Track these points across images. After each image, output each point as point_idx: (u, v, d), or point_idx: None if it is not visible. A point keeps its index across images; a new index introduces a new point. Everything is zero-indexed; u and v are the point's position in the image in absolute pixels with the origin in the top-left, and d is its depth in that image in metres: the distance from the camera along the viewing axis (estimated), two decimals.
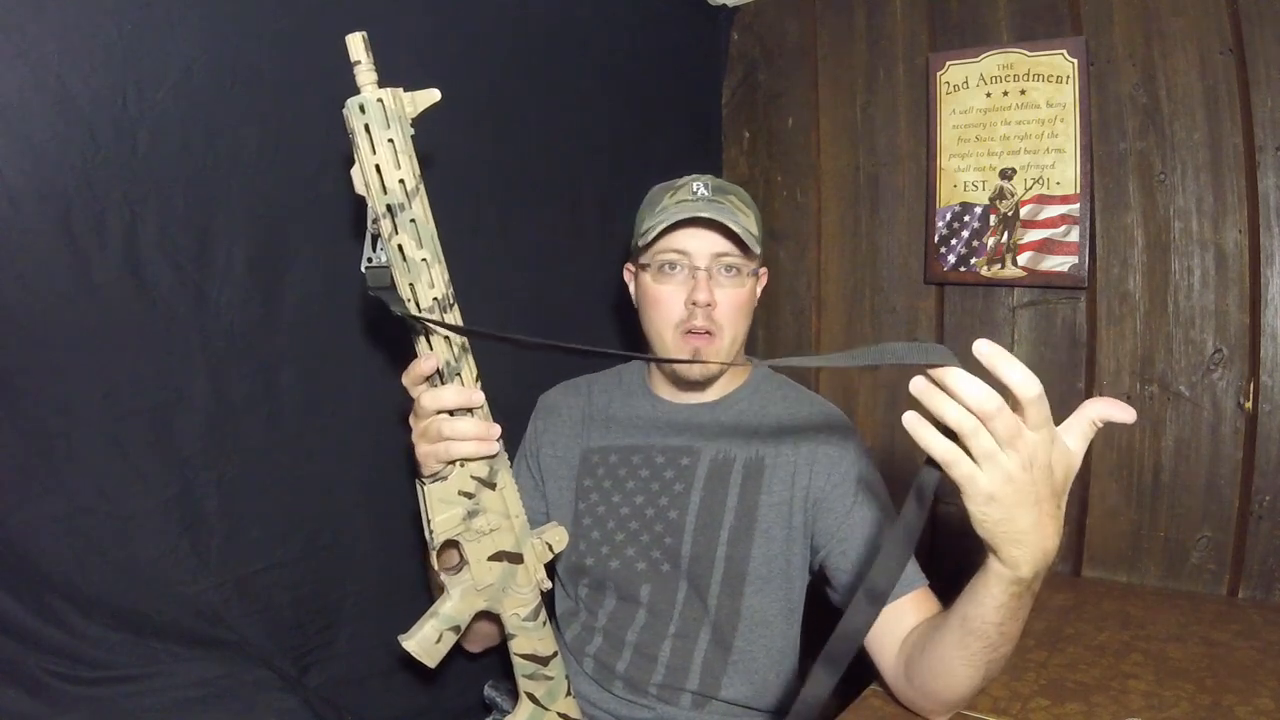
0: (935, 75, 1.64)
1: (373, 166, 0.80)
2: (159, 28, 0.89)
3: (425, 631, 0.95)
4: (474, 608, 0.97)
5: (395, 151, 0.79)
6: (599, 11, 1.53)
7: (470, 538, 0.95)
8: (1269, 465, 1.39)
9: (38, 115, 0.81)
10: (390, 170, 0.79)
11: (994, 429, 0.70)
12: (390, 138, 0.79)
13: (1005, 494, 0.72)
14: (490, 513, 0.95)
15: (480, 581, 0.96)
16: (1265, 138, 1.38)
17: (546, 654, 1.04)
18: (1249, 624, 1.27)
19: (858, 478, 1.12)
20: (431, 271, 0.83)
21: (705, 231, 1.12)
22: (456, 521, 0.93)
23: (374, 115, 0.79)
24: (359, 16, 1.09)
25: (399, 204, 0.80)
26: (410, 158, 0.81)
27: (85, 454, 0.88)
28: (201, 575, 0.98)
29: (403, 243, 0.81)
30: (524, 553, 0.98)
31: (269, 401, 1.04)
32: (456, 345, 0.88)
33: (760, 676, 1.15)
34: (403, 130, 0.80)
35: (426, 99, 0.82)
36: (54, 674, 0.84)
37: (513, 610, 1.00)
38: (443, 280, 0.85)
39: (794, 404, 1.22)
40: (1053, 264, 1.55)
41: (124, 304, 0.89)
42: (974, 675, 0.87)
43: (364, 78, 0.79)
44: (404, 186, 0.80)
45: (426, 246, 0.82)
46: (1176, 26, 1.44)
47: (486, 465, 0.93)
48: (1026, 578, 0.77)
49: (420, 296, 0.84)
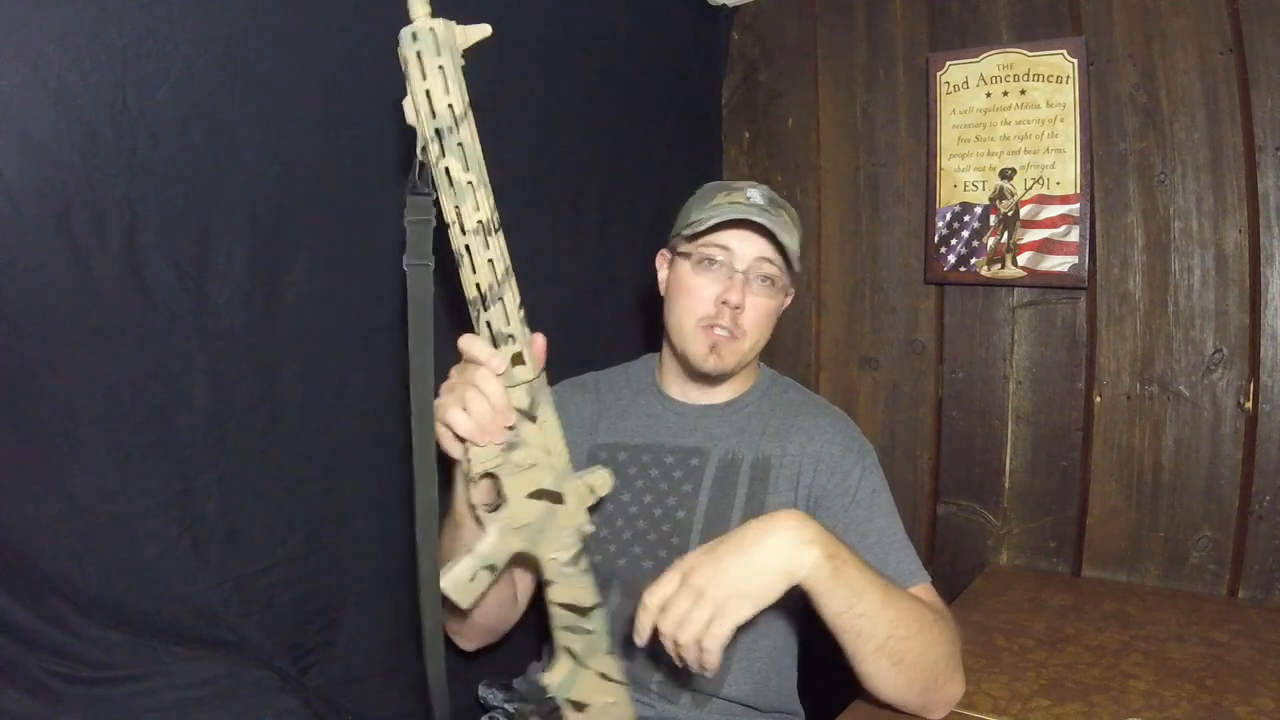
0: (935, 75, 1.64)
1: (423, 92, 0.82)
2: (159, 28, 0.89)
3: (459, 569, 0.93)
4: (511, 548, 0.95)
5: (445, 78, 0.81)
6: (599, 11, 1.53)
7: (509, 471, 0.92)
8: (1269, 465, 1.39)
9: (38, 115, 0.81)
10: (440, 95, 0.81)
11: (677, 614, 0.87)
12: (441, 64, 0.81)
13: (735, 581, 0.87)
14: (530, 446, 0.92)
15: (518, 519, 0.94)
16: (1265, 138, 1.38)
17: (586, 604, 0.99)
18: (1249, 624, 1.27)
19: (859, 478, 1.13)
20: (477, 194, 0.85)
21: (754, 236, 1.13)
22: (495, 453, 0.91)
23: (425, 43, 0.81)
24: (359, 17, 1.10)
25: (448, 127, 0.82)
26: (460, 85, 0.82)
27: (85, 454, 0.88)
28: (201, 575, 0.97)
29: (450, 165, 0.83)
30: (565, 493, 0.95)
31: (269, 401, 1.04)
32: (499, 270, 0.88)
33: (761, 675, 1.15)
34: (453, 59, 0.82)
35: (478, 33, 0.84)
36: (54, 674, 0.84)
37: (551, 554, 0.96)
38: (488, 204, 0.86)
39: (801, 406, 1.23)
40: (1053, 264, 1.55)
41: (124, 304, 0.89)
42: (879, 668, 0.93)
43: (417, 8, 0.81)
44: (453, 111, 0.82)
45: (473, 170, 0.84)
46: (1176, 26, 1.44)
47: (528, 395, 0.91)
48: (816, 558, 0.88)
49: (465, 219, 0.85)
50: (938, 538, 1.72)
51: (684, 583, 0.87)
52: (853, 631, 0.90)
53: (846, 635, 0.91)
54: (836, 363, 1.84)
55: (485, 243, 0.86)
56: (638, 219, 1.65)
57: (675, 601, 0.87)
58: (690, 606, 0.86)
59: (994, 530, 1.65)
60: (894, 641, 0.91)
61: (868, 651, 0.91)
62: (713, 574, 0.87)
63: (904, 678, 0.93)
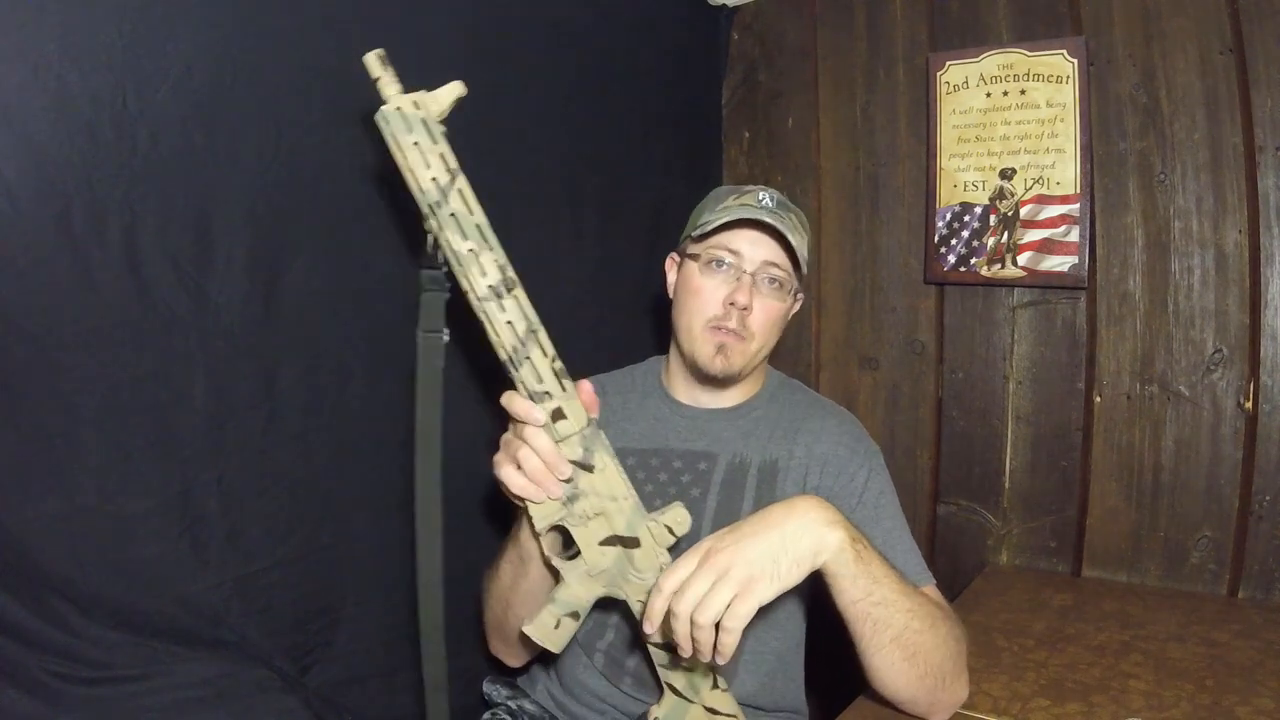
0: (935, 75, 1.64)
1: (406, 170, 0.84)
2: (159, 28, 0.89)
3: (543, 617, 0.94)
4: (593, 593, 0.95)
5: (422, 153, 0.83)
6: (599, 11, 1.53)
7: (575, 523, 0.92)
8: (1269, 465, 1.39)
9: (38, 115, 0.81)
10: (421, 171, 0.83)
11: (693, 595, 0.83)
12: (415, 141, 0.83)
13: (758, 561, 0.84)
14: (593, 496, 0.92)
15: (594, 567, 0.94)
16: (1265, 138, 1.38)
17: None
18: (1249, 624, 1.27)
19: (865, 480, 1.13)
20: (481, 260, 0.86)
21: (763, 237, 1.13)
22: (556, 508, 0.91)
23: (396, 124, 0.83)
24: (358, 17, 1.10)
25: (436, 202, 0.84)
26: (441, 155, 0.84)
27: (85, 454, 0.88)
28: (201, 575, 0.97)
29: (449, 237, 0.85)
30: (639, 536, 0.94)
31: (269, 401, 1.04)
32: (521, 330, 0.88)
33: (768, 675, 1.15)
34: (428, 131, 0.83)
35: (449, 95, 0.85)
36: (54, 674, 0.84)
37: (637, 599, 0.96)
38: (496, 265, 0.86)
39: (808, 408, 1.23)
40: (1053, 264, 1.55)
41: (124, 304, 0.89)
42: (892, 661, 0.91)
43: (385, 91, 0.83)
44: (437, 184, 0.83)
45: (471, 237, 0.85)
46: (1176, 26, 1.44)
47: (580, 446, 0.91)
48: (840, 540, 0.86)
49: (475, 286, 0.87)
50: (938, 538, 1.72)
51: (704, 564, 0.85)
52: (870, 620, 0.89)
53: (863, 624, 0.90)
54: (836, 363, 1.84)
55: (500, 306, 0.87)
56: (638, 219, 1.65)
57: (694, 581, 0.83)
58: (710, 587, 0.83)
59: (994, 530, 1.65)
60: (909, 634, 0.90)
61: (883, 641, 0.90)
62: (736, 553, 0.84)
63: (916, 672, 0.93)
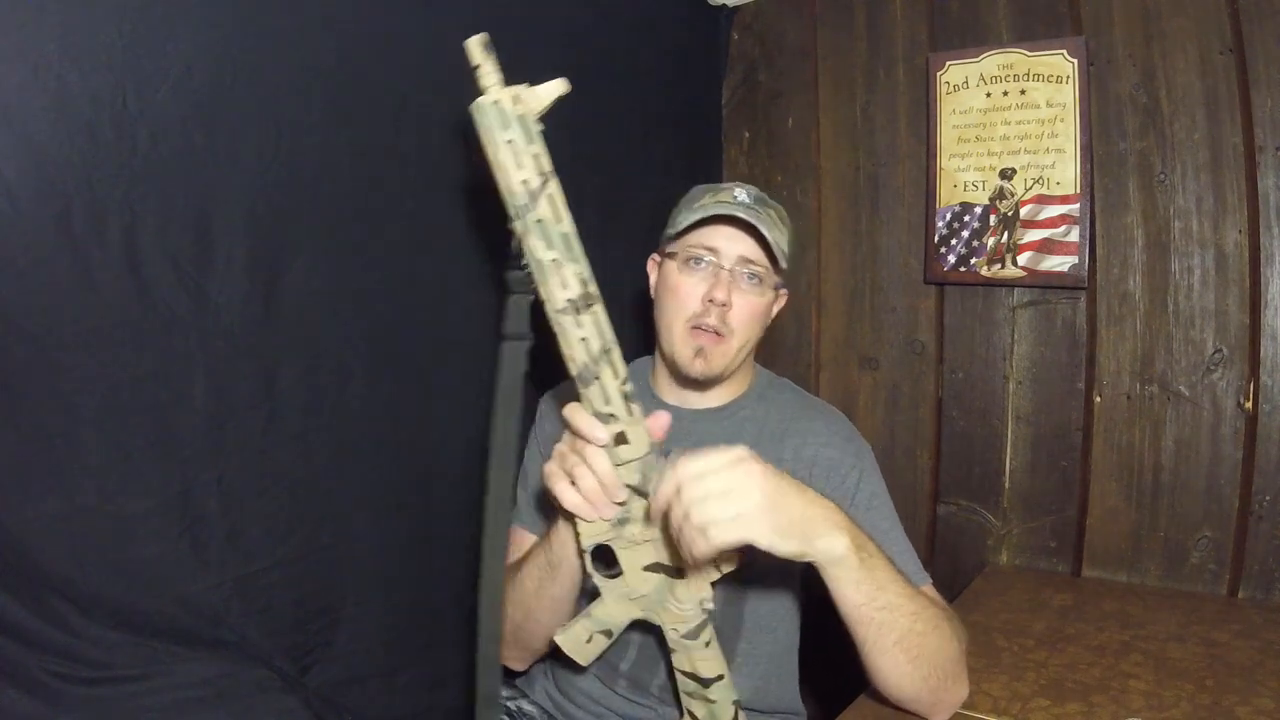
0: (935, 75, 1.64)
1: (496, 169, 0.78)
2: (159, 28, 0.89)
3: (576, 629, 0.94)
4: (629, 615, 0.94)
5: (515, 152, 0.78)
6: (599, 11, 1.53)
7: (623, 545, 0.91)
8: (1269, 465, 1.39)
9: (38, 115, 0.81)
10: (511, 172, 0.78)
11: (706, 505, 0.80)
12: (510, 139, 0.78)
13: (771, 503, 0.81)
14: (642, 522, 0.90)
15: (635, 590, 0.92)
16: (1265, 138, 1.38)
17: (708, 676, 0.98)
18: (1249, 624, 1.27)
19: (857, 481, 1.12)
20: (563, 271, 0.80)
21: (738, 233, 1.13)
22: (605, 527, 0.90)
23: (492, 119, 0.77)
24: (358, 17, 1.10)
25: (523, 205, 0.79)
26: (535, 157, 0.79)
27: (85, 454, 0.88)
28: (201, 575, 0.97)
29: (532, 244, 0.80)
30: (686, 568, 0.92)
31: (269, 401, 1.04)
32: (595, 349, 0.83)
33: (761, 678, 1.15)
34: (525, 129, 0.78)
35: (551, 92, 0.80)
36: (54, 674, 0.84)
37: (671, 625, 0.95)
38: (578, 279, 0.81)
39: (797, 408, 1.22)
40: (1053, 264, 1.55)
41: (124, 304, 0.89)
42: (896, 663, 0.91)
43: (484, 81, 0.78)
44: (526, 187, 0.78)
45: (556, 246, 0.80)
46: (1176, 26, 1.44)
47: (639, 472, 0.88)
48: (847, 547, 0.85)
49: (553, 298, 0.81)
50: (938, 538, 1.72)
51: (732, 466, 0.82)
52: (874, 624, 0.89)
53: (866, 627, 0.90)
54: (836, 363, 1.84)
55: (577, 321, 0.82)
56: (638, 219, 1.65)
57: (712, 478, 0.80)
58: (722, 493, 0.80)
59: (994, 530, 1.65)
60: (913, 636, 0.90)
61: (887, 644, 0.90)
62: (764, 483, 0.81)
63: (920, 673, 0.93)
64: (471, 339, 1.32)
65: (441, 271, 1.25)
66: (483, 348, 1.34)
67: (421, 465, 1.24)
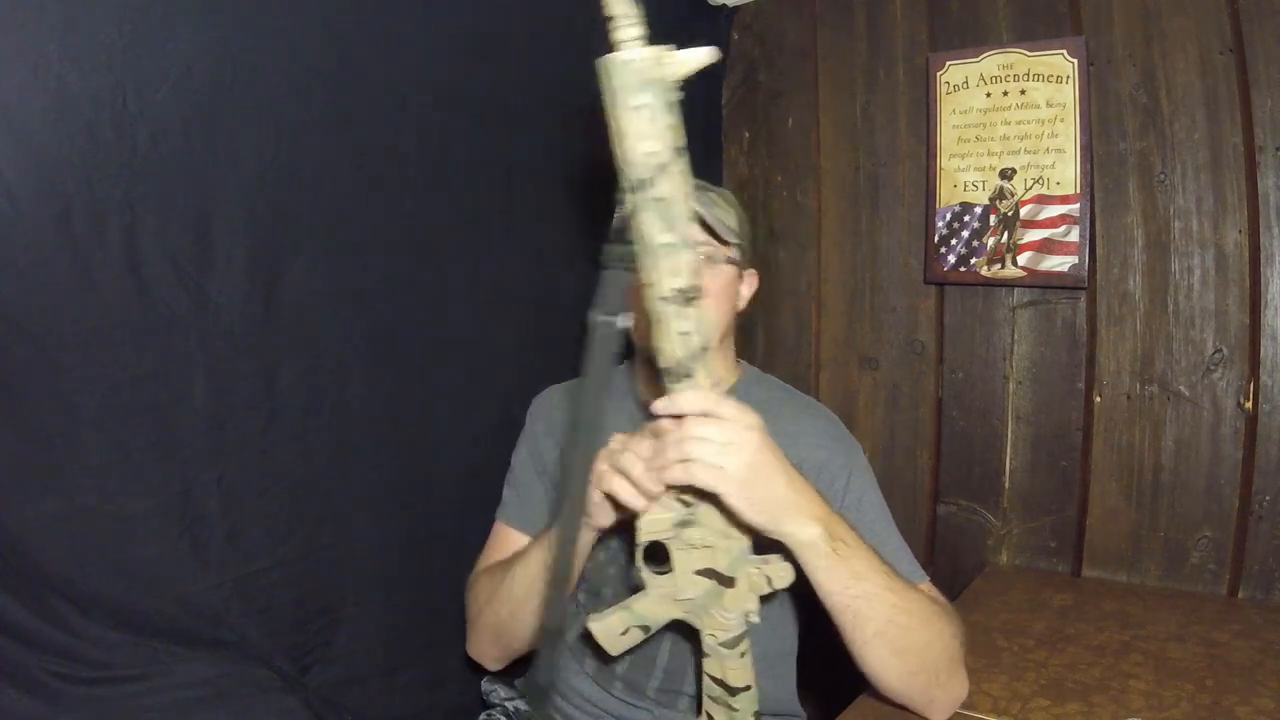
0: (935, 75, 1.64)
1: (620, 135, 0.69)
2: (159, 28, 0.89)
3: (612, 620, 0.92)
4: (669, 614, 0.93)
5: (645, 120, 0.68)
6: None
7: (680, 546, 0.89)
8: (1269, 465, 1.39)
9: (38, 115, 0.81)
10: (639, 141, 0.68)
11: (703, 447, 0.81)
12: (640, 104, 0.67)
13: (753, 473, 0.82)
14: (706, 528, 0.88)
15: (682, 591, 0.91)
16: (1265, 138, 1.38)
17: (737, 685, 0.97)
18: (1249, 624, 1.27)
19: (846, 481, 1.11)
20: (678, 258, 0.73)
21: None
22: (666, 525, 0.88)
23: (625, 78, 0.67)
24: (358, 16, 1.10)
25: (646, 178, 0.70)
26: (668, 126, 0.69)
27: (85, 454, 0.88)
28: (201, 575, 0.98)
29: (646, 221, 0.71)
30: (737, 578, 0.90)
31: (269, 401, 1.04)
32: (694, 345, 0.78)
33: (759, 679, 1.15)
34: (659, 96, 0.68)
35: (698, 59, 0.69)
36: (54, 674, 0.84)
37: (711, 631, 0.94)
38: (691, 269, 0.74)
39: (784, 408, 1.21)
40: (1053, 264, 1.55)
41: (124, 304, 0.89)
42: (879, 655, 0.92)
43: (620, 34, 0.67)
44: (652, 160, 0.69)
45: (677, 229, 0.72)
46: (1176, 26, 1.44)
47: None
48: (816, 535, 0.87)
49: (660, 283, 0.74)
50: (938, 538, 1.72)
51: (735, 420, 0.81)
52: (849, 612, 0.90)
53: (844, 616, 0.91)
54: (836, 363, 1.84)
55: (681, 313, 0.75)
56: None
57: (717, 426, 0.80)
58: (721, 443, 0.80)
59: (994, 530, 1.65)
60: (893, 629, 0.91)
61: (866, 635, 0.91)
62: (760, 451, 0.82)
63: (906, 667, 0.93)
64: (471, 339, 1.32)
65: (441, 271, 1.25)
66: (483, 348, 1.34)
67: (421, 465, 1.24)
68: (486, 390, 1.33)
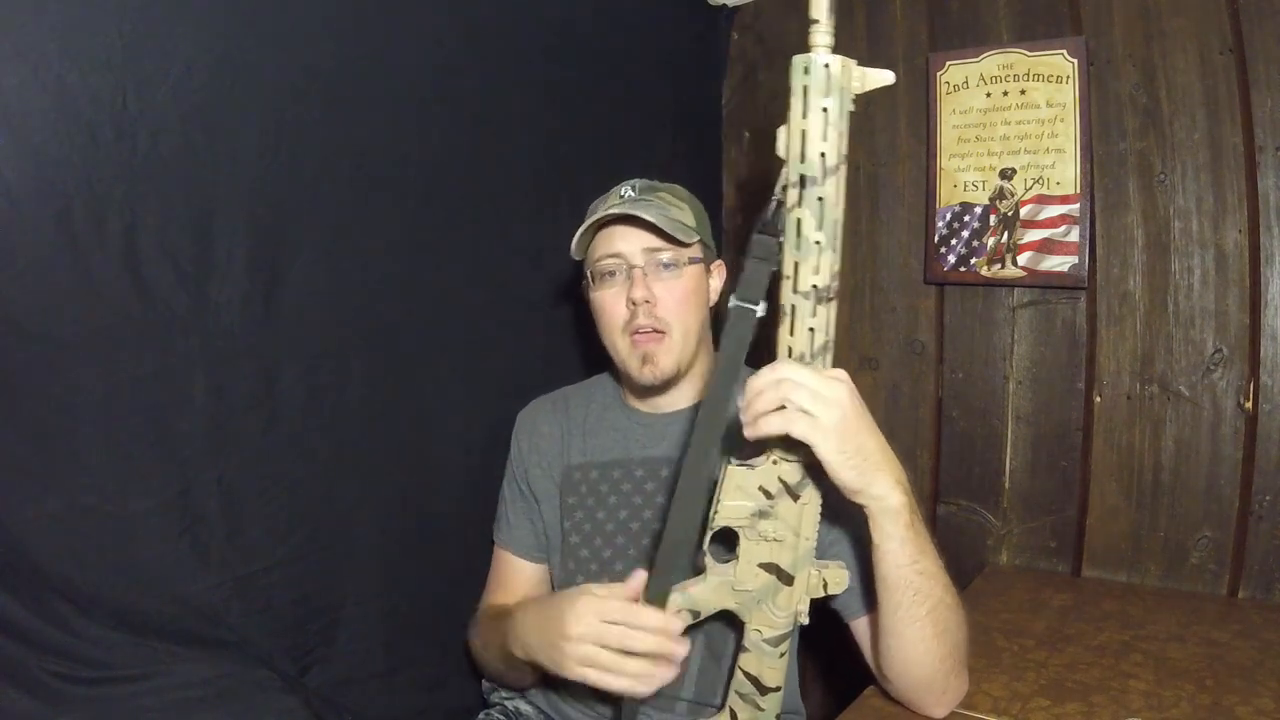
0: (935, 75, 1.64)
1: (799, 131, 0.75)
2: (159, 28, 0.89)
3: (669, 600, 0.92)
4: (722, 604, 0.93)
5: (826, 123, 0.75)
6: (599, 11, 1.53)
7: (751, 536, 0.89)
8: (1269, 465, 1.39)
9: (38, 115, 0.81)
10: (815, 140, 0.75)
11: (799, 392, 0.80)
12: (825, 106, 0.75)
13: (847, 425, 0.80)
14: (781, 522, 0.89)
15: (741, 582, 0.91)
16: (1265, 138, 1.38)
17: (769, 685, 0.96)
18: (1249, 624, 1.27)
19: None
20: (821, 258, 0.78)
21: (633, 230, 1.12)
22: (744, 514, 0.88)
23: (818, 79, 0.74)
24: (358, 16, 1.10)
25: (813, 177, 0.76)
26: (841, 134, 0.76)
27: (85, 454, 0.88)
28: (201, 575, 0.98)
29: (802, 217, 0.77)
30: (797, 577, 0.91)
31: (269, 401, 1.04)
32: (818, 343, 0.82)
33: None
34: (841, 102, 0.75)
35: (878, 79, 0.78)
36: (54, 674, 0.84)
37: (757, 626, 0.93)
38: (830, 271, 0.79)
39: None
40: (1053, 264, 1.55)
41: (124, 304, 0.89)
42: (924, 635, 0.90)
43: (818, 38, 0.74)
44: (824, 160, 0.75)
45: (826, 229, 0.77)
46: (1176, 26, 1.44)
47: (800, 472, 0.87)
48: (901, 503, 0.85)
49: (800, 278, 0.79)
50: (938, 538, 1.72)
51: (829, 382, 0.81)
52: (911, 588, 0.88)
53: (904, 592, 0.88)
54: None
55: (813, 310, 0.80)
56: None
57: (813, 380, 0.80)
58: (814, 394, 0.79)
59: (994, 530, 1.65)
60: (943, 608, 0.90)
61: (920, 613, 0.89)
62: (851, 409, 0.81)
63: (943, 649, 0.92)
64: (471, 339, 1.32)
65: (441, 271, 1.25)
66: (483, 348, 1.34)
67: (421, 465, 1.24)
68: (486, 390, 1.33)
